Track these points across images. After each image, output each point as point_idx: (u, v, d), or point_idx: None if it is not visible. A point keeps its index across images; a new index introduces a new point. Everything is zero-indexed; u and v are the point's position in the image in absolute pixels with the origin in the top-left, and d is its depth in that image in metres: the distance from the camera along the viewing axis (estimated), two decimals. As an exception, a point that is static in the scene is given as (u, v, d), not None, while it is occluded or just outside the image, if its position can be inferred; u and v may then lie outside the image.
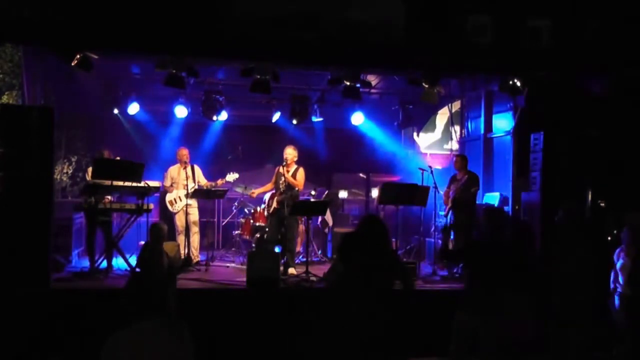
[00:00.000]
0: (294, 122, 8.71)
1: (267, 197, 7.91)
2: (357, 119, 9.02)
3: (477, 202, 7.49)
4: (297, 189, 7.29)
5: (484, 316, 4.05)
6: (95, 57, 6.23)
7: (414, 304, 5.75)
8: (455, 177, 7.50)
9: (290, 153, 7.36)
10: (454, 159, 7.93)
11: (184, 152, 7.72)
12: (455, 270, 6.96)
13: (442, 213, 7.76)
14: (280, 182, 7.29)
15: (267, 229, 7.70)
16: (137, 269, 5.40)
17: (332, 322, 3.87)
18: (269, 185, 7.68)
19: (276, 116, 9.01)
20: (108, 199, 7.02)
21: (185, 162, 7.70)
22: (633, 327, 4.51)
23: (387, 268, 3.95)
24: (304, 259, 7.17)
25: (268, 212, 7.65)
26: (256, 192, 7.96)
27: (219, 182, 7.81)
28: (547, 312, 4.28)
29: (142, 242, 7.60)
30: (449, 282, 6.64)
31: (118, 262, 6.82)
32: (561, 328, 4.25)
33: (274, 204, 7.35)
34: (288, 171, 7.31)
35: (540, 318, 4.23)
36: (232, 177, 7.87)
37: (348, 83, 6.86)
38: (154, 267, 4.88)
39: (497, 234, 4.29)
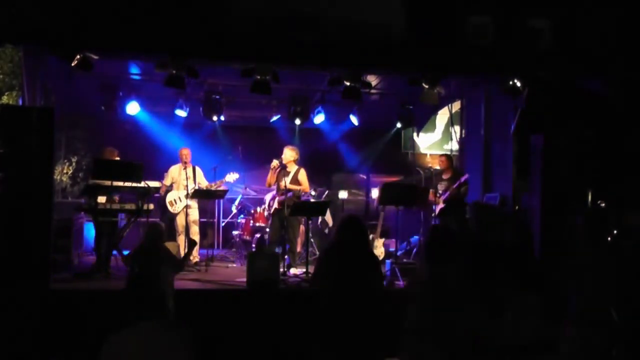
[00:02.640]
0: (297, 122, 8.71)
1: (268, 197, 7.91)
2: (353, 119, 9.02)
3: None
4: (294, 190, 7.27)
5: (481, 317, 4.04)
6: (95, 57, 6.22)
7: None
8: (440, 176, 7.53)
9: (288, 153, 7.35)
10: (440, 158, 8.00)
11: (185, 152, 7.74)
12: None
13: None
14: (281, 183, 7.28)
15: (267, 230, 7.71)
16: (135, 270, 5.41)
17: (320, 323, 3.90)
18: (269, 181, 7.53)
19: (276, 117, 9.01)
20: (116, 199, 7.04)
21: (186, 163, 7.71)
22: None
23: (367, 268, 3.98)
24: (304, 260, 7.17)
25: (269, 213, 7.65)
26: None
27: (219, 182, 7.81)
28: (555, 312, 4.25)
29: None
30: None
31: (118, 262, 6.81)
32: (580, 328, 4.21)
33: (275, 205, 7.35)
34: (288, 173, 7.30)
35: (546, 318, 4.21)
36: (232, 177, 7.87)
37: (348, 84, 6.86)
38: (150, 267, 4.89)
39: (487, 232, 4.28)
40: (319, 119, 8.95)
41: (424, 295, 3.42)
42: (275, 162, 7.31)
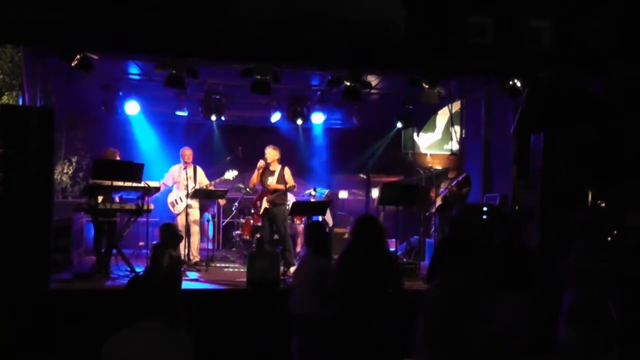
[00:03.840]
0: (299, 122, 8.72)
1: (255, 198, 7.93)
2: (353, 119, 9.00)
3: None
4: (289, 186, 7.30)
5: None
6: (95, 57, 6.22)
7: (413, 305, 5.77)
8: (447, 175, 7.54)
9: (270, 153, 7.38)
10: (449, 157, 8.03)
11: (187, 152, 7.74)
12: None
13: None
14: (268, 182, 7.31)
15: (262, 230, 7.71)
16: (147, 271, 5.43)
17: (335, 323, 3.90)
18: (253, 181, 7.59)
19: (276, 117, 9.01)
20: (116, 199, 7.05)
21: (187, 163, 7.71)
22: None
23: (384, 268, 3.99)
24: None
25: (257, 214, 7.66)
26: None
27: (217, 180, 7.81)
28: (546, 312, 4.23)
29: (141, 243, 7.61)
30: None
31: (118, 262, 6.82)
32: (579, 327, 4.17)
33: (265, 204, 7.35)
34: (273, 172, 7.33)
35: (536, 318, 4.19)
36: (231, 174, 7.86)
37: (348, 84, 6.86)
38: (159, 269, 4.91)
39: (465, 232, 4.26)
40: (318, 119, 8.95)
41: (439, 301, 3.39)
42: (261, 162, 7.36)
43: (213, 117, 8.52)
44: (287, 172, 7.42)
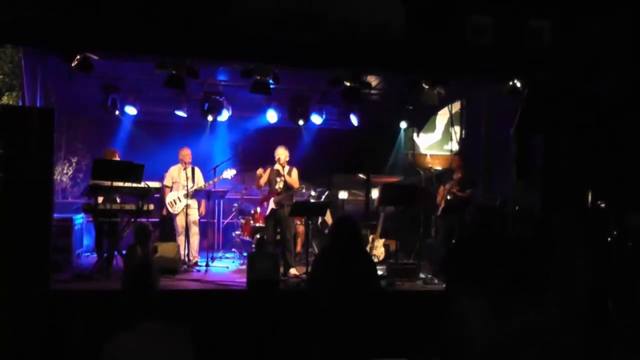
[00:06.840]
0: (300, 122, 8.71)
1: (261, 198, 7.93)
2: (353, 119, 9.00)
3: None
4: (294, 188, 7.30)
5: (472, 317, 4.04)
6: (96, 58, 6.22)
7: (414, 306, 5.78)
8: (451, 176, 7.53)
9: (282, 153, 7.36)
10: (452, 157, 8.01)
11: (186, 153, 7.74)
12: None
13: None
14: (277, 182, 7.29)
15: (265, 230, 7.70)
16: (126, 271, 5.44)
17: (320, 324, 3.93)
18: (262, 181, 7.57)
19: (273, 116, 9.00)
20: (117, 200, 7.06)
21: (187, 163, 7.71)
22: None
23: (361, 270, 4.02)
24: (304, 260, 7.17)
25: (263, 214, 7.65)
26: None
27: (215, 179, 7.80)
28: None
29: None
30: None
31: (119, 262, 6.81)
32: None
33: (272, 205, 7.34)
34: (281, 174, 7.32)
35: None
36: (229, 173, 7.86)
37: (348, 84, 6.85)
38: (128, 268, 4.95)
39: (485, 234, 4.28)
40: (318, 119, 8.95)
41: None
42: (277, 165, 7.29)
43: (212, 118, 8.51)
44: (295, 172, 7.41)
